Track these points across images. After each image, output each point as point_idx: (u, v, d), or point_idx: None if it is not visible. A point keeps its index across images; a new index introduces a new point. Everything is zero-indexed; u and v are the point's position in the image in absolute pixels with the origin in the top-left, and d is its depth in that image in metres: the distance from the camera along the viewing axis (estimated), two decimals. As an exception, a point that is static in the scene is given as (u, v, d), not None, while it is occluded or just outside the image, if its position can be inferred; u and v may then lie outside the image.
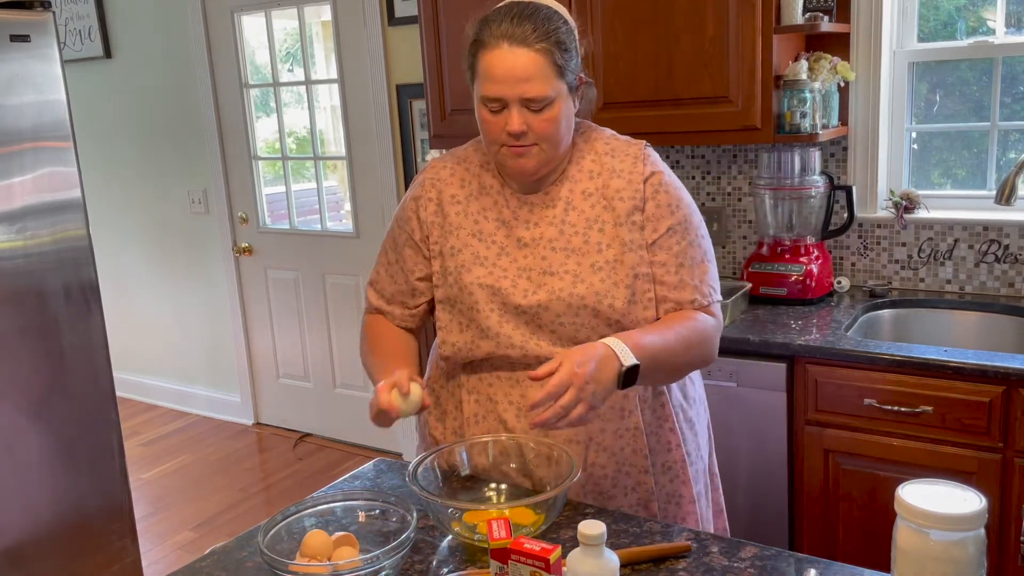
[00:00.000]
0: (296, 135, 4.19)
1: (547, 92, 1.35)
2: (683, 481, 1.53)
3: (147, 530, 3.40)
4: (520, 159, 1.40)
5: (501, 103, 1.36)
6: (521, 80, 1.34)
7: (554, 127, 1.38)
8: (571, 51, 1.39)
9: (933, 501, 0.97)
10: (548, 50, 1.34)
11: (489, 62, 1.36)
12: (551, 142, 1.39)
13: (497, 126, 1.38)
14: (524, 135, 1.37)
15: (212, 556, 1.32)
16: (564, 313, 1.42)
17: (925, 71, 2.65)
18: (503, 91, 1.35)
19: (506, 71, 1.34)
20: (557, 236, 1.44)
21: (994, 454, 1.99)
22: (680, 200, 1.46)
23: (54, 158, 2.30)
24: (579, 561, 1.03)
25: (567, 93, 1.39)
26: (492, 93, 1.36)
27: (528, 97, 1.34)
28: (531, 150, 1.39)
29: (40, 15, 2.26)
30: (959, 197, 2.62)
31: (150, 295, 4.68)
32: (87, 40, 4.41)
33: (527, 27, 1.34)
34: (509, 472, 1.44)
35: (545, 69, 1.34)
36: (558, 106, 1.37)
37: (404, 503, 1.28)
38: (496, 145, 1.41)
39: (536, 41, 1.34)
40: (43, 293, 2.29)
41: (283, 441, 4.25)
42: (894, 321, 2.52)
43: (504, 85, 1.35)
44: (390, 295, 1.59)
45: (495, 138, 1.40)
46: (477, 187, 1.51)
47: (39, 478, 2.30)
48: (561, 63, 1.36)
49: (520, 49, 1.34)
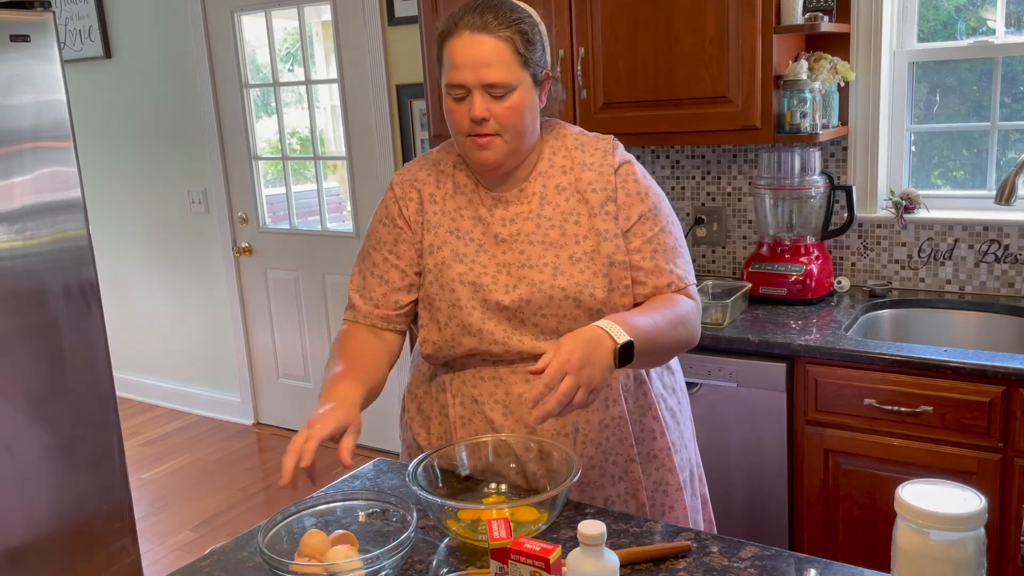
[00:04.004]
0: (297, 135, 4.19)
1: (508, 78, 1.37)
2: (669, 469, 1.55)
3: (147, 530, 3.40)
4: (483, 151, 1.42)
5: (464, 90, 1.38)
6: (482, 65, 1.36)
7: (516, 116, 1.40)
8: (535, 43, 1.42)
9: (933, 501, 0.97)
10: (510, 38, 1.38)
11: (452, 49, 1.39)
12: (513, 132, 1.41)
13: (461, 114, 1.40)
14: (486, 122, 1.39)
15: (212, 556, 1.32)
16: (545, 306, 1.44)
17: (925, 71, 2.65)
18: (465, 76, 1.37)
19: (468, 57, 1.37)
20: (534, 230, 1.46)
21: (994, 454, 1.99)
22: (649, 188, 1.51)
23: (54, 158, 2.30)
24: (579, 561, 1.03)
25: (531, 84, 1.41)
26: (455, 79, 1.38)
27: (489, 82, 1.37)
28: (494, 141, 1.41)
29: (40, 15, 2.26)
30: (959, 197, 2.62)
31: (150, 295, 4.68)
32: (87, 40, 4.41)
33: (488, 16, 1.38)
34: (508, 472, 1.44)
35: (506, 55, 1.37)
36: (520, 94, 1.39)
37: (404, 503, 1.28)
38: (462, 136, 1.43)
39: (498, 28, 1.37)
40: (43, 293, 2.29)
41: (283, 441, 4.25)
42: (894, 321, 2.52)
43: (466, 70, 1.37)
44: (379, 297, 1.54)
45: (460, 127, 1.42)
46: (452, 186, 1.53)
47: (39, 478, 2.30)
48: (524, 52, 1.39)
49: (482, 35, 1.37)
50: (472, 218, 1.50)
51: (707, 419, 2.35)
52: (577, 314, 1.44)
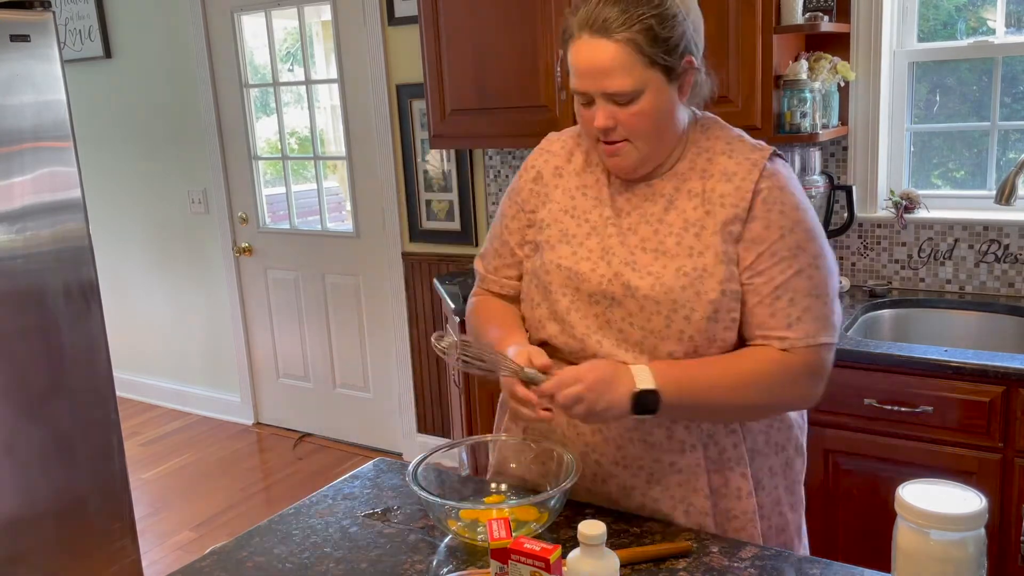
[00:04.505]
0: (297, 135, 4.19)
1: (631, 86, 1.25)
2: (749, 535, 1.36)
3: (147, 530, 3.40)
4: (614, 158, 1.32)
5: (587, 97, 1.29)
6: (601, 74, 1.25)
7: (645, 121, 1.28)
8: (670, 35, 1.25)
9: (933, 501, 0.97)
10: (631, 39, 1.23)
11: (572, 54, 1.28)
12: (644, 138, 1.29)
13: (589, 119, 1.31)
14: (612, 131, 1.29)
15: (212, 556, 1.32)
16: (635, 314, 1.31)
17: (925, 71, 2.65)
18: (585, 85, 1.28)
19: (586, 64, 1.26)
20: (651, 236, 1.33)
21: (994, 454, 1.98)
22: (797, 222, 1.29)
23: (54, 158, 2.30)
24: (579, 561, 1.03)
25: (663, 82, 1.27)
26: (577, 87, 1.29)
27: (610, 92, 1.26)
28: (623, 148, 1.30)
29: (40, 15, 2.26)
30: (959, 197, 2.62)
31: (150, 295, 4.68)
32: (87, 40, 4.41)
33: (612, 12, 1.24)
34: (509, 472, 1.44)
35: (628, 60, 1.23)
36: (648, 99, 1.26)
37: None
38: (592, 140, 1.35)
39: (618, 29, 1.23)
40: (43, 293, 2.29)
41: (283, 441, 4.25)
42: (894, 321, 2.52)
43: (585, 79, 1.27)
44: (495, 268, 1.51)
45: (589, 132, 1.34)
46: (583, 162, 1.43)
47: (39, 478, 2.30)
48: (650, 51, 1.24)
49: (599, 40, 1.24)
50: (594, 198, 1.39)
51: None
52: (666, 333, 1.29)
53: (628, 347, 1.32)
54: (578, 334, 1.35)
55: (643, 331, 1.31)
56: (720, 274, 1.28)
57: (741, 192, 1.30)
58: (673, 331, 1.29)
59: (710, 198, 1.31)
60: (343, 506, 1.44)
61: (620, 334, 1.33)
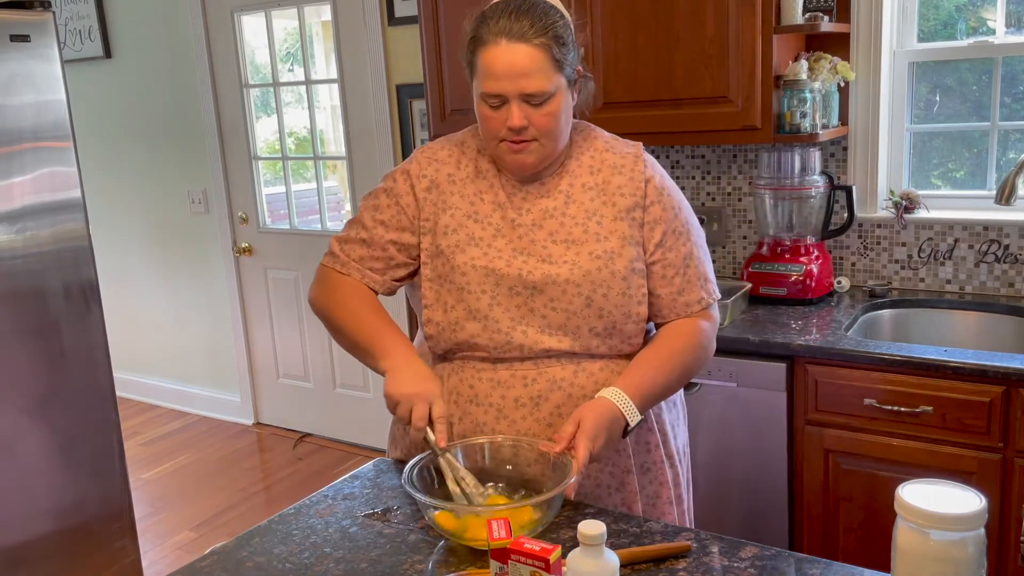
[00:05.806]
0: (296, 135, 4.19)
1: (547, 87, 1.37)
2: (661, 483, 1.56)
3: (147, 530, 3.40)
4: (519, 155, 1.42)
5: (501, 99, 1.38)
6: (521, 75, 1.35)
7: (554, 121, 1.40)
8: (568, 45, 1.41)
9: (933, 501, 0.97)
10: (546, 45, 1.36)
11: (488, 59, 1.37)
12: (551, 136, 1.41)
13: (498, 121, 1.40)
14: (525, 129, 1.39)
15: (212, 556, 1.32)
16: (558, 298, 1.43)
17: (925, 71, 2.65)
18: (503, 87, 1.37)
19: (506, 67, 1.36)
20: (557, 228, 1.46)
21: (994, 454, 1.98)
22: (680, 204, 1.51)
23: (54, 158, 2.30)
24: (579, 561, 1.03)
25: (566, 87, 1.41)
26: (492, 89, 1.38)
27: (528, 92, 1.36)
28: (530, 146, 1.41)
29: (40, 15, 2.26)
30: (959, 197, 2.62)
31: (150, 295, 4.68)
32: (87, 40, 4.41)
33: (525, 22, 1.36)
34: (505, 473, 1.43)
35: (544, 64, 1.36)
36: (558, 100, 1.39)
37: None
38: (495, 140, 1.43)
39: (534, 36, 1.36)
40: (43, 293, 2.29)
41: (283, 441, 4.25)
42: (894, 321, 2.52)
43: (504, 81, 1.36)
44: (359, 258, 1.54)
45: (495, 134, 1.42)
46: (473, 170, 1.52)
47: (39, 478, 2.30)
48: (559, 57, 1.38)
49: (518, 45, 1.35)
50: (492, 203, 1.49)
51: (707, 419, 2.34)
52: (587, 314, 1.43)
53: (552, 331, 1.44)
54: (503, 328, 1.44)
55: (566, 313, 1.44)
56: (628, 255, 1.45)
57: (635, 182, 1.48)
58: (593, 309, 1.43)
59: (606, 189, 1.48)
60: (343, 506, 1.44)
61: (543, 320, 1.44)
